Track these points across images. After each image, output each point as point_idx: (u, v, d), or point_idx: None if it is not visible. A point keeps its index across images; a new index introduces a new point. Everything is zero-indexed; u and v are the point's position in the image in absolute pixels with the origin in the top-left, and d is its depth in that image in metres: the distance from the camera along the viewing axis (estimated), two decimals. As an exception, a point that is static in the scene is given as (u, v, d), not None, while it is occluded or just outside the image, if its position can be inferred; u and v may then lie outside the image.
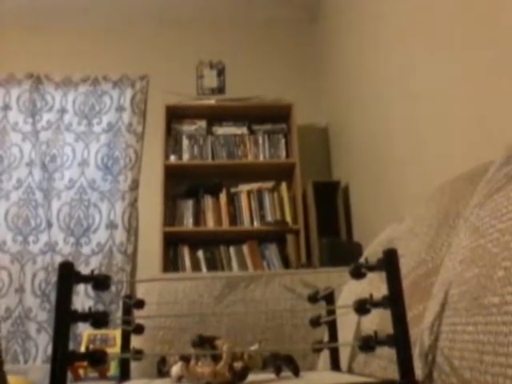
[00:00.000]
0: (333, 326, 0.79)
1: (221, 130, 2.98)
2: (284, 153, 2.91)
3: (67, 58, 3.27)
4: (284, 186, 2.89)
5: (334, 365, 0.78)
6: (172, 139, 2.92)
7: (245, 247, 2.78)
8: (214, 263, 2.76)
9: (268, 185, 2.89)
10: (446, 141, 1.47)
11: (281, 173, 2.92)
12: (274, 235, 2.78)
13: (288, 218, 2.79)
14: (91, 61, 3.26)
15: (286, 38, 3.38)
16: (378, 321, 0.72)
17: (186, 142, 2.92)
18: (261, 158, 2.91)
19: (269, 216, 2.79)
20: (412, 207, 1.01)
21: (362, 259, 0.63)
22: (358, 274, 0.56)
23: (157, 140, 2.90)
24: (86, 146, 3.08)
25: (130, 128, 3.12)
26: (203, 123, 2.98)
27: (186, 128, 2.97)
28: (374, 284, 0.80)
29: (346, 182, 2.66)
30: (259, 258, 2.76)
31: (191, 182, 2.91)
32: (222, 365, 0.59)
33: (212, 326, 1.16)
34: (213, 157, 2.90)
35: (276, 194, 2.87)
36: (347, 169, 2.70)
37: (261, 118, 2.99)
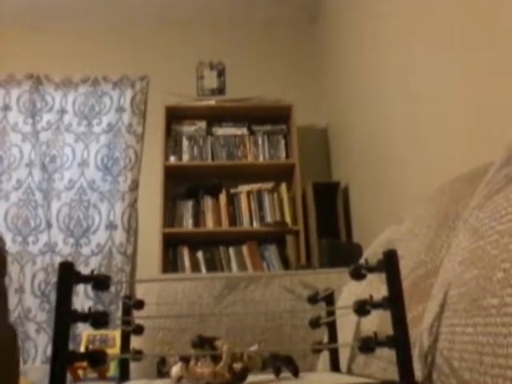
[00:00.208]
0: (332, 327, 0.79)
1: (221, 130, 2.98)
2: (284, 154, 2.92)
3: (67, 59, 3.27)
4: (284, 186, 2.89)
5: (334, 366, 0.78)
6: (172, 140, 2.93)
7: (244, 248, 2.78)
8: (214, 264, 2.76)
9: (268, 185, 2.89)
10: (445, 141, 1.47)
11: (280, 173, 2.92)
12: (274, 236, 2.78)
13: (288, 218, 2.79)
14: (91, 61, 3.26)
15: (286, 38, 3.38)
16: (378, 322, 0.72)
17: (185, 143, 2.92)
18: (260, 158, 2.91)
19: (268, 217, 2.79)
20: (412, 208, 1.01)
21: (362, 260, 0.63)
22: (357, 275, 0.56)
23: (157, 141, 2.90)
24: (86, 147, 3.08)
25: (129, 129, 3.12)
26: (203, 124, 2.98)
27: (186, 129, 2.97)
28: (374, 285, 0.80)
29: (346, 182, 2.66)
30: (259, 259, 2.76)
31: (191, 182, 2.92)
32: (222, 365, 0.59)
33: (211, 327, 1.16)
34: (212, 157, 2.90)
35: (276, 195, 2.87)
36: (347, 170, 2.70)
37: (261, 118, 2.99)
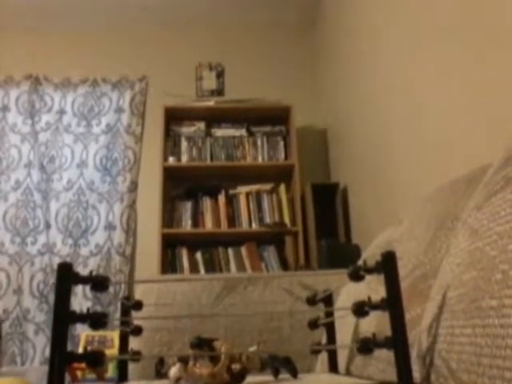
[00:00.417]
0: (331, 328, 0.79)
1: (220, 131, 2.98)
2: (283, 155, 2.92)
3: (66, 60, 3.27)
4: (283, 187, 2.89)
5: (332, 367, 0.78)
6: (171, 141, 2.92)
7: (243, 249, 2.78)
8: (213, 265, 2.75)
9: (267, 187, 2.89)
10: (444, 143, 1.48)
11: (279, 175, 2.92)
12: (273, 237, 2.78)
13: (286, 219, 2.79)
14: (90, 62, 3.26)
15: (285, 39, 3.38)
16: (376, 323, 0.72)
17: (184, 144, 2.92)
18: (259, 159, 2.91)
19: (267, 218, 2.79)
20: (410, 209, 1.01)
21: (361, 261, 0.63)
22: (356, 277, 0.56)
23: (155, 141, 2.90)
24: (85, 148, 3.08)
25: (128, 129, 3.12)
26: (202, 125, 2.98)
27: (185, 130, 2.97)
28: (373, 286, 0.80)
29: (345, 183, 2.67)
30: (258, 260, 2.76)
31: (190, 183, 2.92)
32: (220, 366, 0.59)
33: (210, 328, 1.16)
34: (211, 158, 2.90)
35: (275, 196, 2.87)
36: (346, 171, 2.70)
37: (260, 119, 2.99)
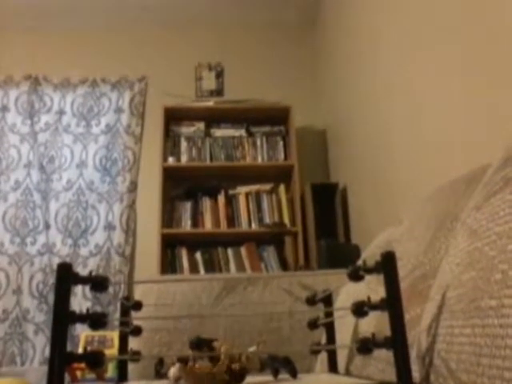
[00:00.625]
0: (331, 329, 0.79)
1: (219, 132, 2.98)
2: (282, 155, 2.92)
3: (66, 60, 3.27)
4: (282, 188, 2.89)
5: (332, 367, 0.78)
6: (170, 141, 2.92)
7: (243, 249, 2.78)
8: (212, 265, 2.75)
9: (266, 187, 2.89)
10: (444, 143, 1.48)
11: (279, 175, 2.92)
12: (272, 237, 2.78)
13: (286, 220, 2.79)
14: (90, 62, 3.26)
15: (285, 40, 3.38)
16: (376, 323, 0.72)
17: (184, 144, 2.92)
18: (259, 160, 2.91)
19: (267, 218, 2.79)
20: (410, 209, 1.01)
21: (360, 262, 0.63)
22: (355, 277, 0.56)
23: (155, 142, 2.90)
24: (85, 148, 3.08)
25: (128, 130, 3.12)
26: (201, 125, 2.98)
27: (185, 130, 2.97)
28: (372, 286, 0.80)
29: (344, 184, 2.67)
30: (257, 260, 2.76)
31: (189, 183, 2.91)
32: (220, 366, 0.59)
33: (210, 328, 1.16)
34: (211, 159, 2.90)
35: (274, 196, 2.87)
36: (345, 171, 2.70)
37: (259, 120, 2.99)
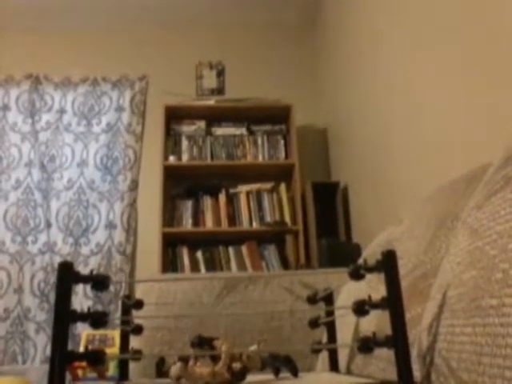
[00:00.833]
0: (331, 327, 0.79)
1: (220, 130, 2.98)
2: (283, 154, 2.91)
3: (66, 59, 3.27)
4: (283, 186, 2.89)
5: (333, 366, 0.78)
6: (171, 140, 2.92)
7: (244, 248, 2.78)
8: (213, 264, 2.76)
9: (267, 185, 2.89)
10: (445, 142, 1.48)
11: (280, 174, 2.92)
12: (273, 236, 2.78)
13: (287, 218, 2.79)
14: (90, 61, 3.26)
15: (285, 39, 3.38)
16: (377, 322, 0.72)
17: (185, 143, 2.92)
18: (260, 158, 2.91)
19: (268, 217, 2.79)
20: (411, 208, 1.01)
21: (361, 260, 0.63)
22: (356, 276, 0.56)
23: (156, 140, 2.90)
24: (85, 147, 3.08)
25: (129, 128, 3.12)
26: (202, 124, 2.98)
27: (186, 128, 2.97)
28: (373, 285, 0.80)
29: (345, 182, 2.67)
30: (258, 259, 2.76)
31: (190, 182, 2.92)
32: (221, 365, 0.59)
33: (211, 327, 1.16)
34: (212, 157, 2.90)
35: (275, 195, 2.87)
36: (346, 170, 2.70)
37: (260, 118, 2.99)
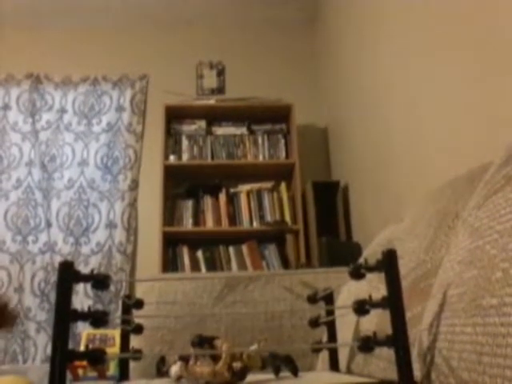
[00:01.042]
0: (332, 327, 0.79)
1: (220, 130, 2.98)
2: (283, 153, 2.91)
3: (67, 58, 3.27)
4: (283, 186, 2.89)
5: (333, 365, 0.78)
6: (171, 139, 2.92)
7: (244, 247, 2.78)
8: (214, 263, 2.76)
9: (267, 185, 2.89)
10: (446, 141, 1.48)
11: (280, 173, 2.92)
12: (274, 235, 2.78)
13: (287, 218, 2.79)
14: (91, 61, 3.26)
15: (286, 38, 3.38)
16: (377, 321, 0.72)
17: (185, 142, 2.92)
18: (260, 158, 2.91)
19: (268, 216, 2.79)
20: (411, 207, 1.01)
21: (362, 260, 0.63)
22: (357, 275, 0.56)
23: (156, 140, 2.90)
24: (86, 146, 3.08)
25: (129, 128, 3.12)
26: (203, 123, 2.98)
27: (186, 128, 2.97)
28: (373, 284, 0.80)
29: (346, 182, 2.67)
30: (258, 258, 2.76)
31: (191, 182, 2.92)
32: (221, 365, 0.60)
33: (211, 326, 1.16)
34: (212, 157, 2.90)
35: (275, 194, 2.87)
36: (347, 169, 2.70)
37: (260, 118, 2.99)
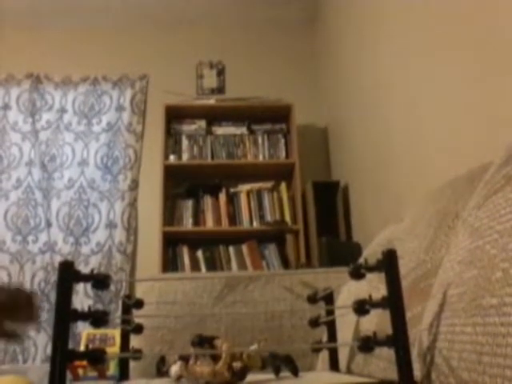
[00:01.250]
0: (332, 327, 0.79)
1: (220, 129, 2.98)
2: (283, 153, 2.91)
3: (67, 58, 3.27)
4: (283, 186, 2.89)
5: (333, 365, 0.78)
6: (171, 139, 2.92)
7: (244, 247, 2.78)
8: (214, 263, 2.76)
9: (267, 185, 2.89)
10: (446, 141, 1.48)
11: (280, 173, 2.92)
12: (274, 235, 2.78)
13: (287, 218, 2.79)
14: (91, 61, 3.26)
15: (286, 38, 3.38)
16: (377, 321, 0.72)
17: (185, 142, 2.92)
18: (260, 158, 2.91)
19: (268, 216, 2.79)
20: (411, 208, 1.01)
21: (362, 260, 0.63)
22: (357, 275, 0.56)
23: (156, 140, 2.90)
24: (86, 146, 3.08)
25: (129, 128, 3.12)
26: (203, 123, 2.98)
27: (186, 128, 2.97)
28: (374, 284, 0.80)
29: (346, 182, 2.67)
30: (258, 258, 2.76)
31: (191, 181, 2.91)
32: (221, 364, 0.60)
33: (211, 326, 1.16)
34: (212, 157, 2.90)
35: (275, 194, 2.87)
36: (347, 169, 2.70)
37: (260, 118, 2.99)
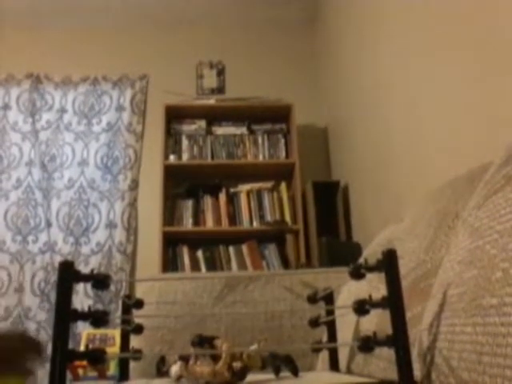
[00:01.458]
0: (332, 327, 0.79)
1: (220, 129, 2.98)
2: (284, 153, 2.91)
3: (67, 58, 3.27)
4: (283, 185, 2.89)
5: (333, 365, 0.78)
6: (171, 139, 2.92)
7: (244, 247, 2.78)
8: (214, 263, 2.76)
9: (267, 185, 2.89)
10: (446, 141, 1.48)
11: (280, 173, 2.92)
12: (274, 235, 2.78)
13: (287, 217, 2.79)
14: (91, 61, 3.26)
15: (286, 38, 3.38)
16: (377, 321, 0.72)
17: (185, 142, 2.92)
18: (260, 158, 2.91)
19: (268, 216, 2.79)
20: (411, 207, 1.01)
21: (362, 260, 0.63)
22: (357, 275, 0.56)
23: (156, 140, 2.90)
24: (86, 146, 3.08)
25: (129, 128, 3.12)
26: (203, 123, 2.98)
27: (186, 128, 2.97)
28: (374, 284, 0.80)
29: (346, 182, 2.67)
30: (258, 258, 2.76)
31: (191, 181, 2.91)
32: (221, 364, 0.60)
33: (211, 326, 1.16)
34: (212, 157, 2.90)
35: (275, 194, 2.87)
36: (347, 169, 2.70)
37: (260, 118, 2.99)
